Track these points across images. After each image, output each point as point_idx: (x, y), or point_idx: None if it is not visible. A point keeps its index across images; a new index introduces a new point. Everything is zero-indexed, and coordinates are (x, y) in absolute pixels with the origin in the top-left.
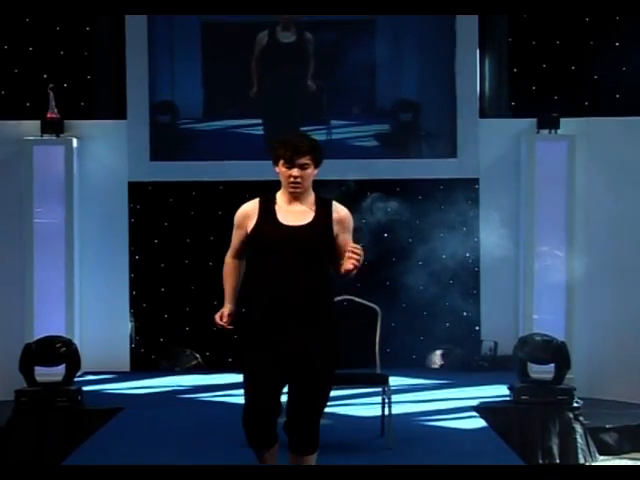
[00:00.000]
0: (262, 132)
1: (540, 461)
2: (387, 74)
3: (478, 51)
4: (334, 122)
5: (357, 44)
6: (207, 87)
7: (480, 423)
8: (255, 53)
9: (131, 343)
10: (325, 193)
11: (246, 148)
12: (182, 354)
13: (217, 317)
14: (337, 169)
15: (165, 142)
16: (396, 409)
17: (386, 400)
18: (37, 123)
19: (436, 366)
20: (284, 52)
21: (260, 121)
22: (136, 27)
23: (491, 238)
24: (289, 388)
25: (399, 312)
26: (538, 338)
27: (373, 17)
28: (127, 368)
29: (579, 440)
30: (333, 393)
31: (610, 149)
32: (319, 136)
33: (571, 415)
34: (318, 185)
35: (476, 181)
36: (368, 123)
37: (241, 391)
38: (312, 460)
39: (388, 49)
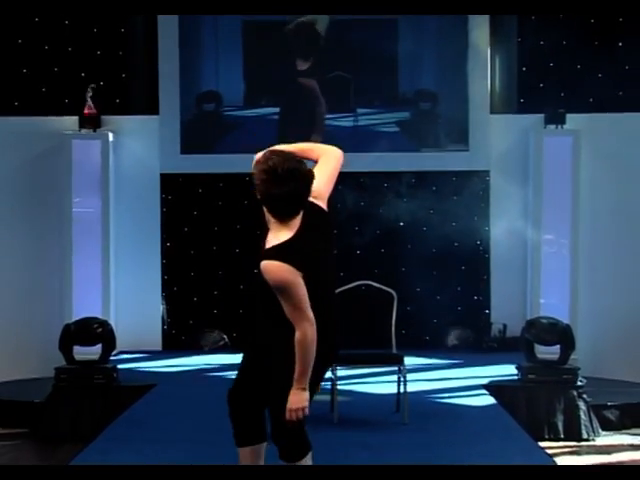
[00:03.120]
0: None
1: (545, 436)
2: (408, 67)
3: (489, 50)
4: (360, 110)
5: (381, 41)
6: (248, 79)
7: (489, 400)
8: None
9: (163, 324)
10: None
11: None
12: (210, 335)
13: (299, 406)
14: (355, 162)
15: (200, 134)
16: (411, 387)
17: (401, 378)
18: (75, 118)
19: (448, 347)
20: None
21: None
22: (168, 27)
23: (501, 227)
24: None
25: (414, 296)
26: (544, 321)
27: (395, 17)
28: (159, 347)
29: (582, 416)
30: (352, 372)
31: (613, 143)
32: (346, 122)
33: (575, 393)
34: (340, 177)
35: (487, 173)
36: (391, 111)
37: None
38: (305, 463)
39: (409, 45)
